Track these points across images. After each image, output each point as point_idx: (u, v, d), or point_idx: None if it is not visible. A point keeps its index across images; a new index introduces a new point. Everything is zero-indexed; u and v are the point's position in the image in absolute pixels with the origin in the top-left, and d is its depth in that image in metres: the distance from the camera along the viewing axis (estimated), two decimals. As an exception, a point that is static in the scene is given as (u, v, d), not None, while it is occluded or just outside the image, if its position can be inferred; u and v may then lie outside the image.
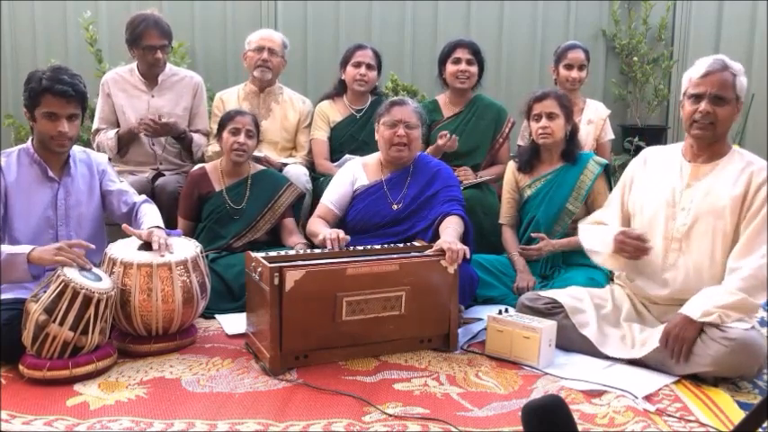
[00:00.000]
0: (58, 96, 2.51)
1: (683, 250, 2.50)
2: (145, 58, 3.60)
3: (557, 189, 3.16)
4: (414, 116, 2.99)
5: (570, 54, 3.76)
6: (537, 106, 3.15)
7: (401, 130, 2.95)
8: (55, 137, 2.55)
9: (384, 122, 3.00)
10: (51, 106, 2.52)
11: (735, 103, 2.43)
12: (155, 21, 3.55)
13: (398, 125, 2.95)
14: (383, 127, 3.00)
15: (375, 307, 2.47)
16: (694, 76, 2.45)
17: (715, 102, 2.41)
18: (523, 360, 2.47)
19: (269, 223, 3.27)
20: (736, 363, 2.23)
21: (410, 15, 4.73)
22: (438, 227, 2.80)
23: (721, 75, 2.41)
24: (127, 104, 3.66)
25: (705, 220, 2.45)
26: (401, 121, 2.96)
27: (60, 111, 2.52)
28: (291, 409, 2.12)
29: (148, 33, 3.54)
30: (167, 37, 3.62)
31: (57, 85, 2.49)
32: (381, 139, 3.02)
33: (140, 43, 3.55)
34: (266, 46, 3.72)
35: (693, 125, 2.45)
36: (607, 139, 3.85)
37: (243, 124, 3.22)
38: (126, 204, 2.82)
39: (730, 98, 2.42)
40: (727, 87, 2.41)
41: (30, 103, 2.54)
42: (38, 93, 2.51)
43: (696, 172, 2.51)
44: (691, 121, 2.45)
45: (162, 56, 3.61)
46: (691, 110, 2.45)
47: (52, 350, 2.27)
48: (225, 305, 2.98)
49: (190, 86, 3.75)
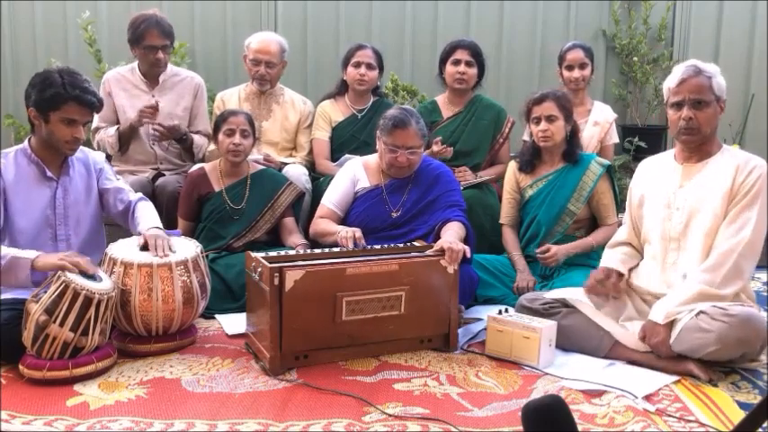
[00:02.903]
0: (83, 106, 2.54)
1: (681, 249, 2.52)
2: (146, 57, 3.60)
3: (558, 189, 3.16)
4: (416, 138, 2.90)
5: (569, 55, 3.78)
6: (536, 109, 3.14)
7: (402, 157, 2.90)
8: (69, 141, 2.58)
9: (385, 142, 2.92)
10: (73, 114, 2.53)
11: (716, 103, 2.48)
12: (157, 21, 3.55)
13: (399, 150, 2.90)
14: (384, 146, 2.93)
15: (375, 307, 2.47)
16: (672, 85, 2.51)
17: (695, 106, 2.45)
18: (523, 360, 2.47)
19: (269, 223, 3.27)
20: (738, 339, 2.25)
21: (410, 15, 4.73)
22: (438, 232, 2.78)
23: (696, 79, 2.46)
24: (128, 104, 3.66)
25: (699, 218, 2.48)
26: (403, 146, 2.89)
27: (81, 118, 2.56)
28: (291, 409, 2.12)
29: (150, 33, 3.54)
30: (169, 37, 3.62)
31: (84, 95, 2.52)
32: (381, 155, 2.97)
33: (142, 43, 3.55)
34: (263, 60, 3.69)
35: (680, 132, 2.50)
36: (611, 142, 3.85)
37: (237, 124, 3.22)
38: (122, 202, 2.82)
39: (710, 100, 2.46)
40: (704, 91, 2.45)
41: (46, 106, 2.52)
42: (62, 99, 2.50)
43: (688, 172, 2.55)
44: (677, 128, 2.51)
45: (163, 56, 3.61)
46: (675, 118, 2.50)
47: (52, 350, 2.27)
48: (225, 305, 2.98)
49: (191, 87, 3.75)
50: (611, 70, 4.82)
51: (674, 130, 2.53)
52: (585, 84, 3.81)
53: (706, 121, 2.46)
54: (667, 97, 2.55)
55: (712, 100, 2.46)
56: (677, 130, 2.51)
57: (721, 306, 2.30)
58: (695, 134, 2.47)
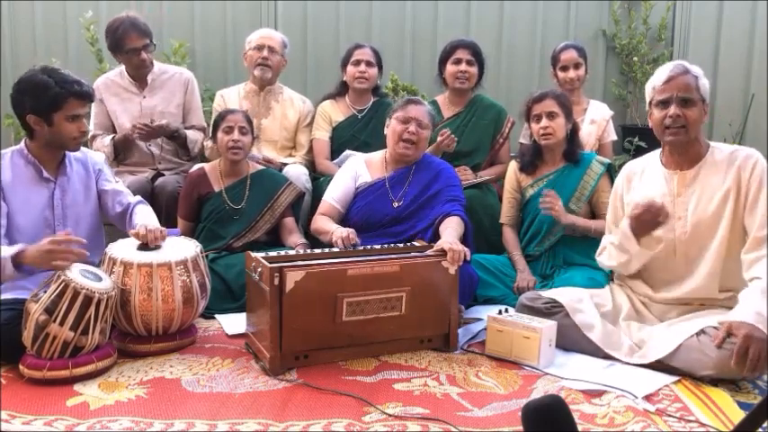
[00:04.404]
0: (83, 98, 2.58)
1: (687, 257, 2.51)
2: (131, 61, 3.57)
3: (559, 189, 3.15)
4: (427, 117, 3.04)
5: (562, 56, 3.78)
6: (536, 107, 3.15)
7: (413, 127, 2.98)
8: (77, 137, 2.62)
9: (397, 117, 3.02)
10: (76, 108, 2.57)
11: (701, 105, 2.46)
12: (131, 23, 3.51)
13: (411, 122, 2.98)
14: (395, 121, 3.02)
15: (375, 307, 2.46)
16: (658, 84, 2.48)
17: (683, 104, 2.43)
18: (523, 360, 2.47)
19: (269, 223, 3.27)
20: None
21: (410, 15, 4.73)
22: (438, 227, 2.80)
23: (685, 77, 2.45)
24: (119, 109, 3.64)
25: (704, 225, 2.47)
26: (414, 118, 2.99)
27: (82, 111, 2.60)
28: (291, 409, 2.12)
29: (128, 36, 3.50)
30: (147, 36, 3.57)
31: (80, 88, 2.55)
32: (391, 133, 3.03)
33: (123, 48, 3.52)
34: (266, 44, 3.72)
35: (666, 131, 2.47)
36: (609, 139, 3.85)
37: (235, 122, 3.22)
38: (120, 204, 2.82)
39: (696, 100, 2.45)
40: (692, 89, 2.44)
41: (47, 109, 2.53)
42: (62, 98, 2.52)
43: (683, 179, 2.52)
44: (662, 127, 2.47)
45: (147, 56, 3.58)
46: (660, 116, 2.47)
47: (52, 350, 2.27)
48: (225, 305, 2.98)
49: (180, 83, 3.73)
50: (611, 70, 4.82)
51: (659, 130, 2.49)
52: (580, 84, 3.81)
53: (693, 120, 2.43)
54: (651, 96, 2.51)
55: (698, 100, 2.45)
56: (662, 130, 2.47)
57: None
58: (681, 133, 2.44)
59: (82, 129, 2.61)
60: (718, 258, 2.45)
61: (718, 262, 2.45)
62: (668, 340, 2.37)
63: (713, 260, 2.45)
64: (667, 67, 2.49)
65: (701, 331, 2.31)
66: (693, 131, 2.46)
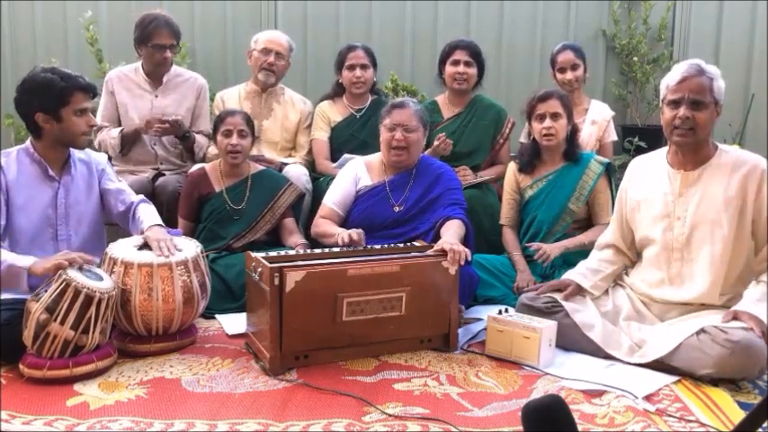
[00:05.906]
0: (87, 91, 2.63)
1: (685, 259, 2.51)
2: (153, 57, 3.60)
3: (558, 189, 3.16)
4: (413, 119, 2.98)
5: (560, 57, 3.77)
6: (541, 106, 3.13)
7: (398, 134, 2.95)
8: (86, 132, 2.66)
9: (384, 125, 3.01)
10: (82, 101, 2.61)
11: (713, 107, 2.44)
12: (165, 20, 3.57)
13: (396, 129, 2.96)
14: (383, 129, 3.01)
15: (375, 307, 2.46)
16: (671, 83, 2.46)
17: (693, 106, 2.41)
18: (523, 360, 2.47)
19: (269, 223, 3.27)
20: (737, 365, 2.23)
21: (410, 15, 4.73)
22: (439, 230, 2.79)
23: (698, 79, 2.41)
24: (130, 103, 3.66)
25: (703, 228, 2.46)
26: (399, 124, 2.96)
27: (88, 104, 2.64)
28: (291, 409, 2.12)
29: (159, 32, 3.55)
30: (176, 37, 3.63)
31: (83, 82, 2.61)
32: (382, 141, 3.03)
33: (150, 42, 3.56)
34: (273, 49, 3.72)
35: (674, 131, 2.45)
36: (610, 140, 3.84)
37: (234, 125, 3.22)
38: (123, 204, 2.82)
39: (708, 102, 2.42)
40: (705, 91, 2.41)
41: (56, 105, 2.55)
42: (69, 92, 2.56)
43: (686, 180, 2.51)
44: (671, 127, 2.46)
45: (170, 55, 3.62)
46: (670, 116, 2.45)
47: (53, 349, 2.27)
48: (225, 305, 2.98)
49: (194, 88, 3.75)
50: (611, 70, 4.81)
51: (668, 130, 2.48)
52: (579, 84, 3.80)
53: (702, 122, 2.41)
54: (664, 94, 2.49)
55: (711, 102, 2.42)
56: (671, 130, 2.46)
57: (723, 328, 2.27)
58: (689, 135, 2.42)
59: (90, 123, 2.65)
60: (721, 267, 2.44)
61: (720, 271, 2.44)
62: (668, 339, 2.37)
63: (715, 269, 2.44)
64: (682, 67, 2.46)
65: (702, 330, 2.31)
66: (702, 134, 2.44)
